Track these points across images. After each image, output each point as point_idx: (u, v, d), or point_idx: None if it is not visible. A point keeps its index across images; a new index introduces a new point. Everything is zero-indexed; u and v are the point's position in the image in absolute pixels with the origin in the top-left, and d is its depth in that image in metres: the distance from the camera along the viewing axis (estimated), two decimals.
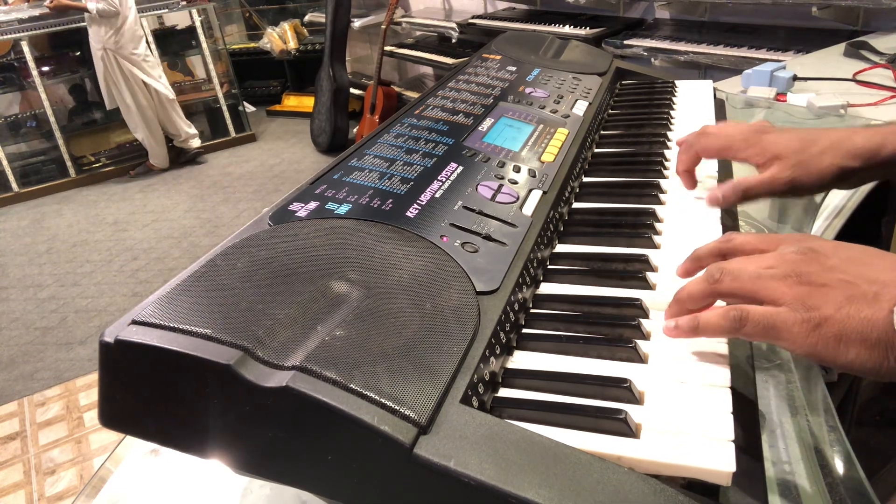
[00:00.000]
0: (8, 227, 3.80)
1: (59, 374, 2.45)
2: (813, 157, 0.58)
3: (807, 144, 0.59)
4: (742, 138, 0.62)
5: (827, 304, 0.38)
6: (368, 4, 4.59)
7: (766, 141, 0.60)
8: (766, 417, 0.57)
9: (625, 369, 0.45)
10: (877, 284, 0.38)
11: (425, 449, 0.35)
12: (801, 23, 2.20)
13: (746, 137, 0.61)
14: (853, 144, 0.57)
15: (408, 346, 0.40)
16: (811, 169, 0.58)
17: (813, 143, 0.59)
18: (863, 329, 0.37)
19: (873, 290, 0.38)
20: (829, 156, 0.57)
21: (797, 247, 0.42)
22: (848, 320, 0.37)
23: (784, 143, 0.59)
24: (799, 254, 0.41)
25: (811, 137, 0.59)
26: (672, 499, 0.34)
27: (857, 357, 0.37)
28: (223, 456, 0.40)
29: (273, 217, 0.54)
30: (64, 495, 1.93)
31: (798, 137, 0.60)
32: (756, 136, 0.61)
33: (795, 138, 0.60)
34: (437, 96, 0.84)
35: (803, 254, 0.41)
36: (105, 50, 3.66)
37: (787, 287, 0.40)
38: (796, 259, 0.41)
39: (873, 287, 0.38)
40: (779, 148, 0.59)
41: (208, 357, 0.38)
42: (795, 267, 0.41)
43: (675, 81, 1.04)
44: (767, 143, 0.60)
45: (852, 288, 0.38)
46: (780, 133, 0.61)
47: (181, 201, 3.89)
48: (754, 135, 0.61)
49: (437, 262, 0.49)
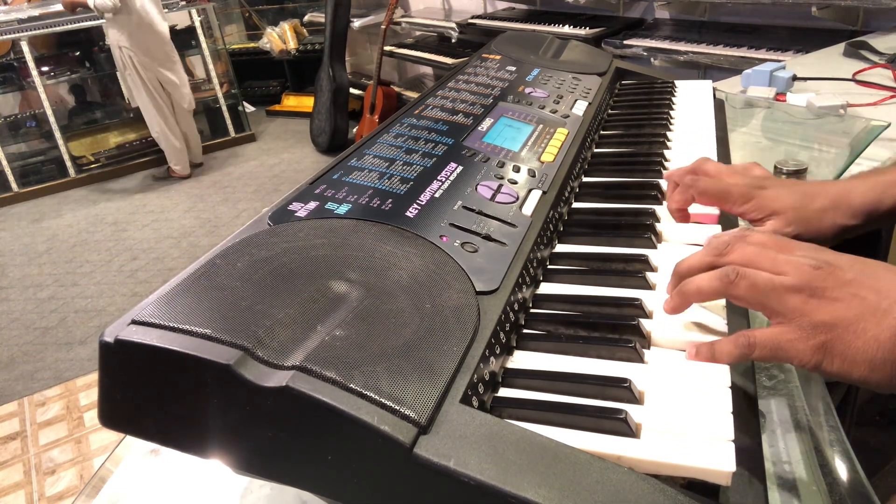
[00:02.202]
0: (8, 227, 3.80)
1: (59, 374, 2.45)
2: (813, 213, 0.57)
3: (807, 200, 0.58)
4: (740, 191, 0.59)
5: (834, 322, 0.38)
6: (368, 4, 4.59)
7: (764, 196, 0.59)
8: (766, 417, 0.57)
9: (625, 369, 0.45)
10: (888, 299, 0.38)
11: (425, 449, 0.35)
12: (800, 23, 2.20)
13: (744, 192, 0.59)
14: (851, 203, 0.57)
15: (408, 345, 0.40)
16: (812, 226, 0.57)
17: (812, 199, 0.58)
18: (867, 349, 0.37)
19: (884, 305, 0.38)
20: (829, 214, 0.57)
21: (814, 259, 0.41)
22: (854, 340, 0.37)
23: (783, 199, 0.58)
24: (815, 267, 0.40)
25: (810, 192, 0.59)
26: (672, 499, 0.34)
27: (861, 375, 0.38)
28: (223, 456, 0.40)
29: (273, 217, 0.54)
30: (64, 495, 1.93)
31: (797, 192, 0.59)
32: (754, 192, 0.59)
33: (795, 193, 0.59)
34: (436, 96, 0.84)
35: (819, 268, 0.40)
36: (120, 49, 3.64)
37: (799, 301, 0.40)
38: (812, 272, 0.40)
39: (884, 302, 0.38)
40: (778, 204, 0.58)
41: (208, 357, 0.38)
42: (810, 280, 0.40)
43: (674, 81, 1.04)
44: (766, 200, 0.59)
45: (863, 305, 0.38)
46: (779, 188, 0.60)
47: (181, 201, 3.89)
48: (753, 190, 0.59)
49: (437, 262, 0.49)
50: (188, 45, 4.36)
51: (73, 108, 4.44)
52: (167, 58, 3.83)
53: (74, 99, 4.46)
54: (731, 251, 0.45)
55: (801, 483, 0.52)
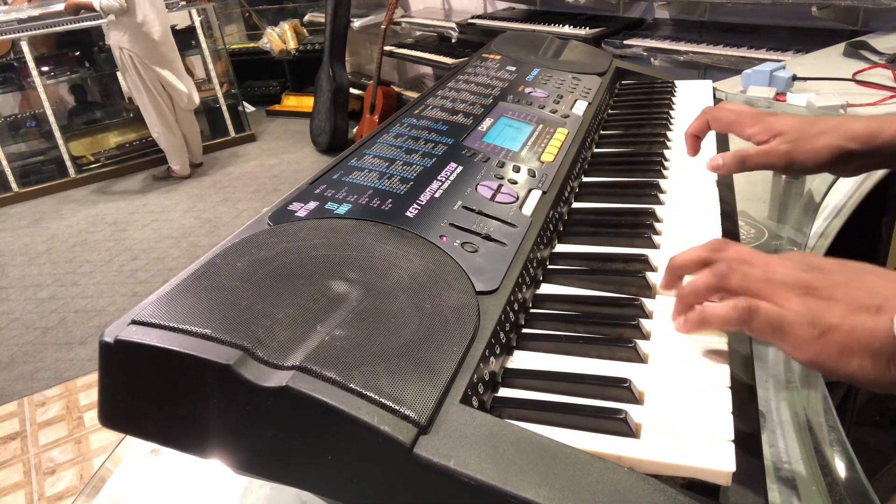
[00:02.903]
0: (8, 227, 3.80)
1: (59, 374, 2.45)
2: (812, 135, 0.61)
3: (808, 125, 0.62)
4: (751, 115, 0.65)
5: (832, 315, 0.39)
6: (368, 4, 4.59)
7: (770, 120, 0.64)
8: (766, 417, 0.57)
9: (625, 369, 0.45)
10: (879, 297, 0.39)
11: (425, 449, 0.35)
12: (800, 23, 2.20)
13: (754, 115, 0.65)
14: (851, 128, 0.60)
15: (407, 345, 0.40)
16: (808, 146, 0.60)
17: (813, 124, 0.62)
18: (866, 339, 0.38)
19: (876, 302, 0.38)
20: (827, 136, 0.60)
21: (800, 263, 0.42)
22: (853, 331, 0.38)
23: (786, 122, 0.63)
24: (803, 270, 0.42)
25: (814, 120, 0.63)
26: (672, 499, 0.34)
27: (860, 367, 0.38)
28: (223, 456, 0.40)
29: (273, 217, 0.54)
30: (64, 495, 1.93)
31: (802, 119, 0.63)
32: (763, 116, 0.65)
33: (799, 119, 0.63)
34: (436, 96, 0.84)
35: (806, 270, 0.41)
36: (121, 49, 3.64)
37: (795, 295, 0.40)
38: (801, 273, 0.41)
39: (876, 300, 0.39)
40: (781, 126, 0.62)
41: (208, 357, 0.38)
42: (801, 279, 0.41)
43: (674, 81, 1.04)
44: (772, 122, 0.63)
45: (856, 300, 0.39)
46: (786, 115, 0.65)
47: (180, 201, 3.89)
48: (762, 115, 0.65)
49: (437, 262, 0.49)
50: (188, 45, 4.36)
51: (73, 108, 4.44)
52: (168, 58, 3.82)
53: (74, 99, 4.47)
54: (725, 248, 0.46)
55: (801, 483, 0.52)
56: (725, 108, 0.68)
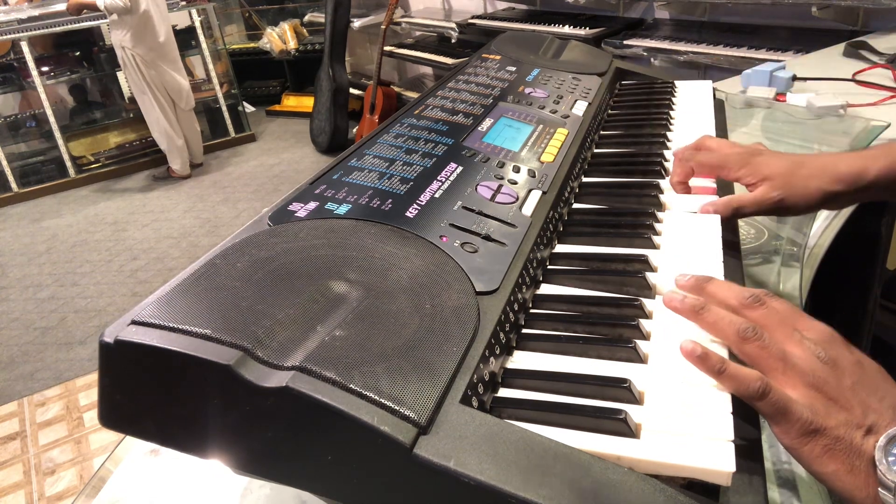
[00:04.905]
0: (8, 227, 3.80)
1: (59, 374, 2.45)
2: (800, 179, 0.61)
3: (795, 168, 0.62)
4: (736, 159, 0.64)
5: (829, 419, 0.39)
6: (368, 4, 4.59)
7: (757, 162, 0.63)
8: None
9: (625, 369, 0.45)
10: (875, 414, 0.40)
11: (425, 449, 0.35)
12: (800, 23, 2.20)
13: (740, 158, 0.64)
14: (837, 170, 0.61)
15: (407, 346, 0.40)
16: (798, 191, 0.61)
17: (801, 167, 0.62)
18: (849, 451, 0.39)
19: (869, 421, 0.39)
20: (815, 180, 0.61)
21: (824, 351, 0.42)
22: (840, 441, 0.39)
23: (774, 166, 0.63)
24: (823, 361, 0.42)
25: (800, 161, 0.63)
26: (672, 499, 0.34)
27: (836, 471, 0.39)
28: (223, 456, 0.40)
29: (272, 217, 0.54)
30: (64, 495, 1.93)
31: (788, 161, 0.63)
32: (749, 158, 0.64)
33: (785, 161, 0.63)
34: (436, 96, 0.84)
35: (826, 363, 0.42)
36: (123, 49, 3.65)
37: (803, 384, 0.41)
38: (816, 364, 0.42)
39: (870, 419, 0.40)
40: (769, 170, 0.62)
41: (208, 357, 0.38)
42: (815, 372, 0.41)
43: (674, 82, 1.04)
44: (759, 165, 0.63)
45: (854, 415, 0.40)
46: (772, 156, 0.65)
47: (180, 201, 3.89)
48: (748, 156, 0.64)
49: (437, 262, 0.49)
50: (188, 45, 4.36)
51: (73, 108, 4.44)
52: (169, 57, 3.83)
53: (74, 99, 4.47)
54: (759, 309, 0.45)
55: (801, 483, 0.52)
56: (707, 148, 0.67)
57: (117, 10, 3.47)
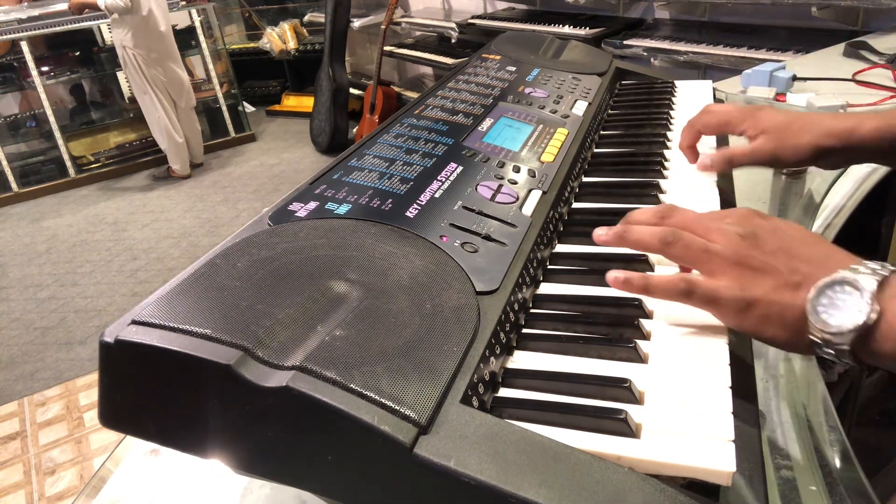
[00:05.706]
0: (8, 227, 3.80)
1: (59, 374, 2.45)
2: (793, 133, 0.64)
3: (790, 122, 0.65)
4: (738, 114, 0.68)
5: (757, 288, 0.43)
6: (368, 4, 4.59)
7: (758, 116, 0.66)
8: (766, 417, 0.57)
9: (625, 369, 0.45)
10: (800, 274, 0.42)
11: (425, 449, 0.35)
12: (800, 23, 2.20)
13: (742, 113, 0.68)
14: (830, 125, 0.63)
15: (408, 346, 0.40)
16: (790, 144, 0.64)
17: (795, 122, 0.65)
18: (782, 313, 0.42)
19: (795, 279, 0.42)
20: (807, 134, 0.63)
21: (742, 229, 0.45)
22: (772, 305, 0.42)
23: (772, 119, 0.66)
24: (743, 238, 0.45)
25: (798, 116, 0.66)
26: (672, 499, 0.34)
27: (773, 335, 0.43)
28: (223, 456, 0.40)
29: (273, 217, 0.54)
30: (64, 495, 1.93)
31: (787, 117, 0.66)
32: (751, 111, 0.67)
33: (784, 116, 0.66)
34: (436, 96, 0.84)
35: (746, 238, 0.45)
36: (124, 48, 3.65)
37: (729, 266, 0.44)
38: (740, 242, 0.45)
39: (796, 277, 0.42)
40: (766, 123, 0.65)
41: (208, 357, 0.38)
42: (738, 249, 0.44)
43: (674, 81, 1.04)
44: (759, 119, 0.66)
45: (780, 277, 0.43)
46: (773, 111, 0.67)
47: (180, 201, 3.89)
48: (750, 111, 0.68)
49: (437, 262, 0.49)
50: (188, 45, 4.36)
51: (73, 108, 4.44)
52: (170, 57, 3.83)
53: (74, 99, 4.46)
54: (673, 215, 0.49)
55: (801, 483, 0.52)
56: (711, 111, 0.71)
57: (118, 9, 3.47)
